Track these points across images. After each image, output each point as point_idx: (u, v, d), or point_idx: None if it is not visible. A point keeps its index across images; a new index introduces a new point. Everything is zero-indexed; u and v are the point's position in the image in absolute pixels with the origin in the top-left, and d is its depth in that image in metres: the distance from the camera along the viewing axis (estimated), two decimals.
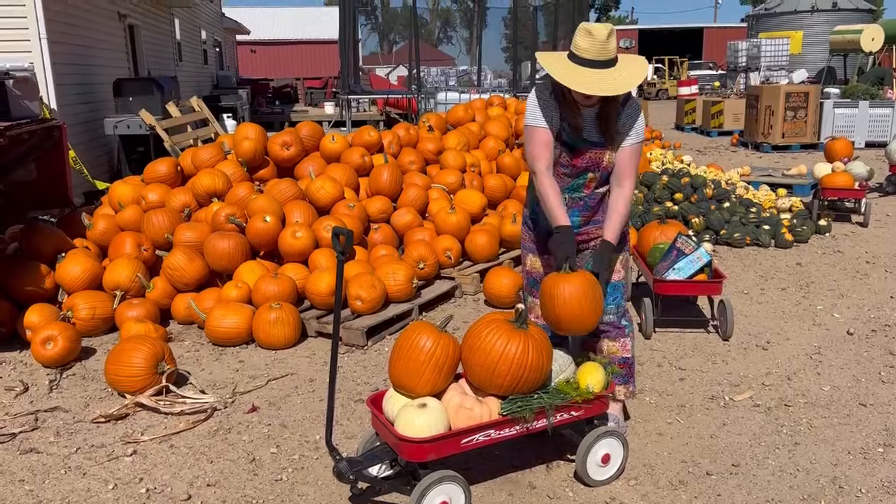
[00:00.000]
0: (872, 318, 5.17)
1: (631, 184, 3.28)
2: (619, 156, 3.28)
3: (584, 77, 3.04)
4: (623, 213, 3.28)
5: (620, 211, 3.27)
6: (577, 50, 3.08)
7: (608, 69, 3.07)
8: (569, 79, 3.05)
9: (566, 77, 3.06)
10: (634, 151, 3.27)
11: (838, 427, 3.68)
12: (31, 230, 5.40)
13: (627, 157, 3.26)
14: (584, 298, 2.99)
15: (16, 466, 3.40)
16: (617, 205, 3.28)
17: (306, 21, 43.76)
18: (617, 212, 3.27)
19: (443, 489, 2.80)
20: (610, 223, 3.28)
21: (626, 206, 3.29)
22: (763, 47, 20.63)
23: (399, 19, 25.18)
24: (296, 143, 6.38)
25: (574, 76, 3.05)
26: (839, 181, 7.92)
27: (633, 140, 3.25)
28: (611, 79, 3.05)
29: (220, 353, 4.73)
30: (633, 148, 3.26)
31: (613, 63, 3.09)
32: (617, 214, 3.27)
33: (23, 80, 6.00)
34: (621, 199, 3.28)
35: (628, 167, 3.27)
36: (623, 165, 3.27)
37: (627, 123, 3.23)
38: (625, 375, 3.53)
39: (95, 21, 10.57)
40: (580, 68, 3.07)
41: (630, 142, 3.25)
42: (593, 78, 3.04)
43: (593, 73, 3.05)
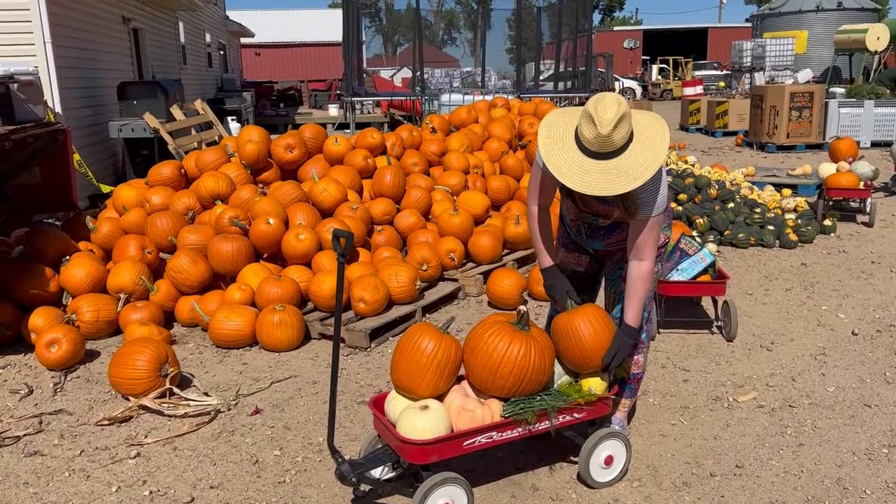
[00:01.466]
0: (877, 319, 5.15)
1: (650, 260, 2.98)
2: (634, 226, 2.95)
3: (582, 170, 2.74)
4: (642, 295, 3.00)
5: (639, 293, 2.99)
6: (582, 138, 2.75)
7: (614, 159, 2.73)
8: (566, 174, 2.77)
9: (562, 172, 2.78)
10: (654, 224, 2.92)
11: (843, 428, 3.66)
12: (36, 233, 5.42)
13: (647, 229, 2.92)
14: (596, 334, 3.00)
15: (20, 469, 3.41)
16: (636, 286, 2.99)
17: (310, 23, 43.83)
18: (635, 295, 3.00)
19: (445, 491, 2.79)
20: (630, 306, 3.01)
21: (645, 287, 3.00)
22: (768, 47, 20.59)
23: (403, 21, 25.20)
24: (299, 145, 6.39)
25: (571, 170, 2.76)
26: (844, 181, 7.89)
27: (652, 212, 2.89)
28: (614, 175, 2.71)
29: (224, 355, 4.73)
30: (654, 220, 2.91)
31: (619, 153, 2.73)
32: (636, 298, 3.00)
33: (27, 84, 6.03)
34: (639, 280, 2.98)
35: (646, 240, 2.94)
36: (640, 238, 2.94)
37: (645, 196, 2.86)
38: (633, 389, 3.48)
39: (100, 25, 10.61)
40: (581, 157, 2.76)
41: (647, 213, 2.89)
42: (595, 171, 2.72)
43: (595, 164, 2.73)
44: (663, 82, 36.55)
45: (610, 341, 3.03)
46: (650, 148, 2.76)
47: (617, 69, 32.10)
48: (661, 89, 35.96)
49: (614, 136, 2.68)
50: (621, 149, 2.73)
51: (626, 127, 2.70)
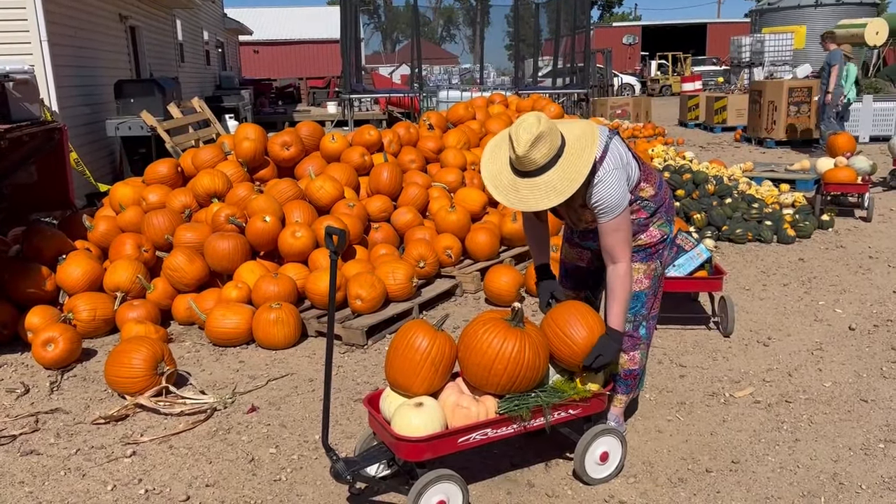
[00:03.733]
0: (875, 314, 5.15)
1: (625, 261, 3.00)
2: (601, 231, 3.00)
3: (514, 188, 2.88)
4: (622, 297, 3.02)
5: (619, 296, 3.02)
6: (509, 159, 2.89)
7: (541, 175, 2.83)
8: (501, 192, 2.91)
9: (498, 190, 2.92)
10: (611, 228, 2.96)
11: (839, 423, 3.66)
12: (33, 232, 5.41)
13: (605, 234, 2.98)
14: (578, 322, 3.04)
15: (16, 468, 3.41)
16: (614, 289, 3.03)
17: (309, 21, 43.76)
18: (615, 298, 3.03)
19: (440, 488, 2.79)
20: (611, 310, 3.04)
21: (624, 288, 3.02)
22: (767, 42, 20.53)
23: (402, 18, 25.19)
24: (296, 142, 6.38)
25: (505, 188, 2.90)
26: (842, 176, 7.89)
27: (606, 218, 2.95)
28: (543, 191, 2.83)
29: (221, 353, 4.73)
30: (609, 225, 2.96)
31: (546, 169, 2.83)
32: (616, 301, 3.03)
33: (23, 83, 6.01)
34: (617, 282, 3.01)
35: (614, 242, 2.98)
36: (607, 242, 2.99)
37: (596, 203, 2.95)
38: (628, 385, 3.46)
39: (96, 23, 10.60)
40: (512, 176, 2.89)
41: (606, 218, 2.95)
42: (524, 188, 2.86)
43: (524, 182, 2.86)
44: (662, 78, 36.53)
45: (590, 337, 3.02)
46: (578, 159, 2.84)
47: (616, 65, 32.05)
48: (659, 85, 35.94)
49: (532, 155, 2.79)
50: (547, 165, 2.83)
51: (545, 146, 2.79)
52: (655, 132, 14.71)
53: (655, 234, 3.26)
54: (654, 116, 19.42)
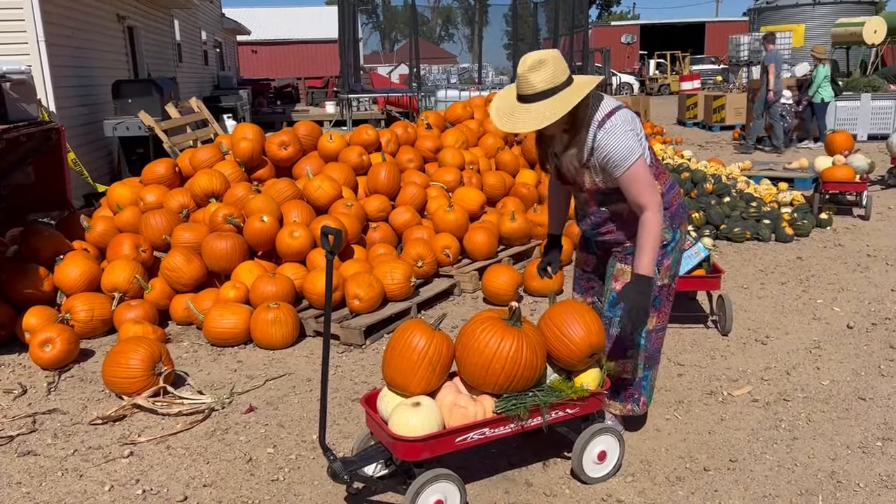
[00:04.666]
0: (873, 312, 5.15)
1: (650, 209, 2.97)
2: (623, 191, 3.04)
3: (510, 112, 2.98)
4: (647, 244, 2.98)
5: (643, 243, 2.99)
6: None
7: (535, 103, 2.92)
8: (497, 115, 3.05)
9: (496, 115, 3.06)
10: (627, 179, 2.98)
11: (837, 421, 3.66)
12: (30, 232, 5.41)
13: (625, 187, 3.01)
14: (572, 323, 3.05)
15: (13, 469, 3.40)
16: (640, 236, 3.01)
17: (307, 20, 43.74)
18: (640, 245, 3.01)
19: (437, 487, 2.79)
20: (637, 256, 3.02)
21: (650, 235, 2.97)
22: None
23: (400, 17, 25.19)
24: (293, 142, 6.38)
25: (503, 113, 3.02)
26: (840, 174, 7.89)
27: (619, 170, 2.98)
28: (531, 114, 2.92)
29: (219, 353, 4.73)
30: (625, 176, 2.98)
31: (543, 97, 2.90)
32: (640, 249, 3.01)
33: (20, 83, 6.01)
34: (643, 230, 2.99)
35: (633, 194, 2.99)
36: (631, 193, 3.00)
37: (604, 158, 3.00)
38: (622, 396, 3.44)
39: (94, 23, 10.59)
40: (514, 103, 3.00)
41: (618, 172, 2.99)
42: (518, 112, 2.95)
43: (520, 107, 2.96)
44: (661, 77, 36.54)
45: (588, 337, 3.03)
46: (571, 95, 2.92)
47: (614, 64, 32.07)
48: (658, 84, 35.94)
49: (531, 78, 2.90)
50: (544, 93, 2.91)
51: (546, 72, 2.89)
52: (654, 131, 14.71)
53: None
54: (653, 115, 19.42)
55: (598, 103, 3.04)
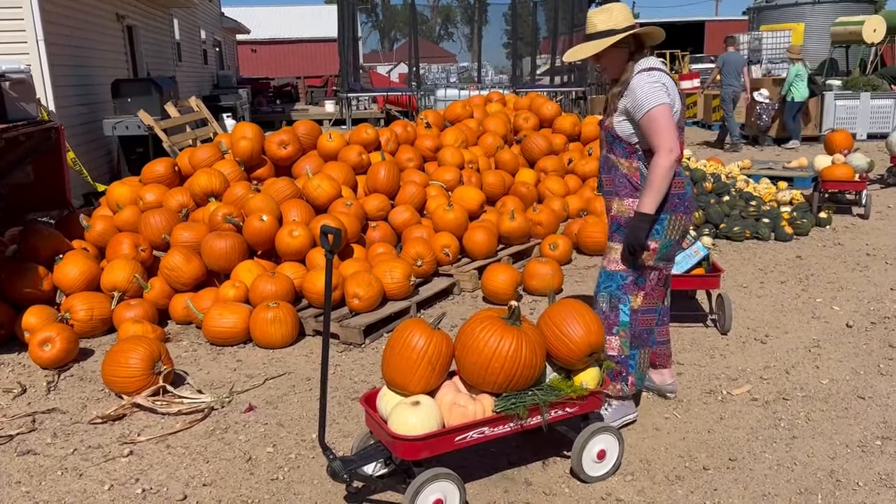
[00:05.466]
0: (872, 311, 5.15)
1: (660, 152, 3.24)
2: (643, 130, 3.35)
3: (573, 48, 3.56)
4: (652, 185, 3.25)
5: (649, 184, 3.28)
6: None
7: (588, 42, 3.42)
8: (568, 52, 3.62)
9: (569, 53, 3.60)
10: (647, 120, 3.27)
11: (836, 420, 3.66)
12: (30, 232, 5.40)
13: (644, 128, 3.31)
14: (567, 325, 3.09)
15: (12, 468, 3.40)
16: (649, 176, 3.29)
17: (307, 19, 43.72)
18: (646, 185, 3.30)
19: (437, 486, 2.79)
20: (643, 194, 3.30)
21: (655, 176, 3.24)
22: (764, 40, 20.53)
23: (399, 16, 25.20)
24: (293, 141, 6.38)
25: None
26: (839, 173, 7.89)
27: (641, 112, 3.28)
28: (576, 50, 3.48)
29: (218, 352, 4.73)
30: (646, 117, 3.27)
31: (597, 37, 3.38)
32: (649, 187, 3.28)
33: (19, 83, 6.00)
34: (650, 172, 3.29)
35: (650, 134, 3.29)
36: (648, 136, 3.31)
37: (631, 100, 3.32)
38: (613, 373, 3.51)
39: (93, 22, 10.58)
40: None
41: (639, 114, 3.29)
42: (577, 47, 3.50)
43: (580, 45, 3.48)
44: None
45: (587, 336, 3.07)
46: (610, 40, 3.35)
47: None
48: None
49: (593, 18, 3.40)
50: (596, 35, 3.38)
51: (604, 16, 3.37)
52: None
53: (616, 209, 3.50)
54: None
55: (647, 61, 3.41)
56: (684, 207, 3.42)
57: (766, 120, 14.04)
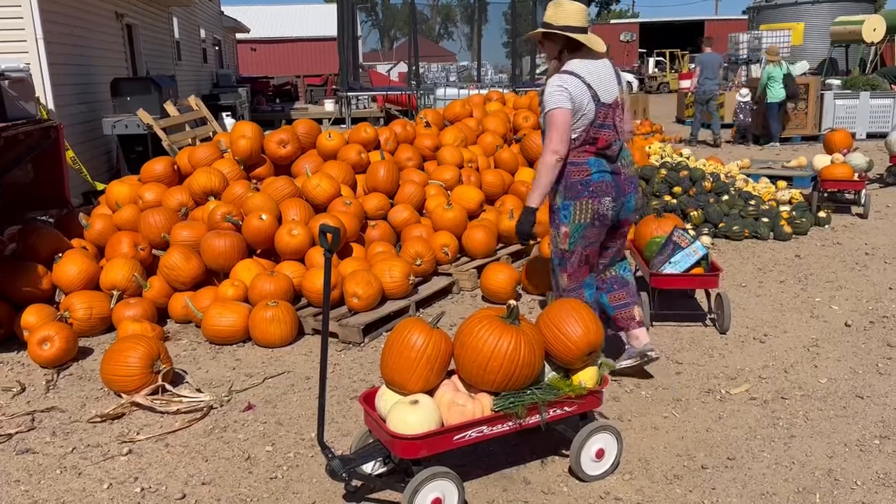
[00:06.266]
0: (871, 310, 5.16)
1: (546, 151, 3.68)
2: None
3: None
4: (536, 181, 3.73)
5: (539, 180, 3.73)
6: None
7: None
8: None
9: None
10: (545, 120, 3.69)
11: (834, 419, 3.67)
12: (29, 231, 5.40)
13: (544, 125, 3.75)
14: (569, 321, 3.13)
15: (11, 467, 3.40)
16: (537, 173, 3.75)
17: (306, 18, 43.71)
18: (536, 181, 3.76)
19: (436, 485, 2.79)
20: (531, 189, 3.80)
21: (538, 174, 3.71)
22: (764, 39, 20.52)
23: (399, 15, 25.20)
24: (292, 140, 6.38)
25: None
26: (838, 173, 7.89)
27: (543, 111, 3.72)
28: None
29: (217, 351, 4.73)
30: (545, 117, 3.70)
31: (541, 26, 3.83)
32: (535, 184, 3.77)
33: (18, 81, 6.00)
34: (539, 168, 3.74)
35: (544, 133, 3.74)
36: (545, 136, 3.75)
37: (541, 96, 3.75)
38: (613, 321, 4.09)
39: (92, 21, 10.58)
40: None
41: (542, 111, 3.73)
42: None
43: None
44: (660, 75, 36.51)
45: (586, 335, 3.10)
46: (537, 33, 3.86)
47: (614, 62, 32.00)
48: (657, 82, 35.91)
49: (548, 7, 3.79)
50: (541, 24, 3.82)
51: (551, 11, 3.74)
52: (653, 129, 14.69)
53: (551, 196, 3.87)
54: (652, 113, 19.40)
55: (571, 64, 3.72)
56: (589, 192, 3.77)
57: (743, 119, 14.41)
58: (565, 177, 3.77)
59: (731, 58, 21.84)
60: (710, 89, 14.13)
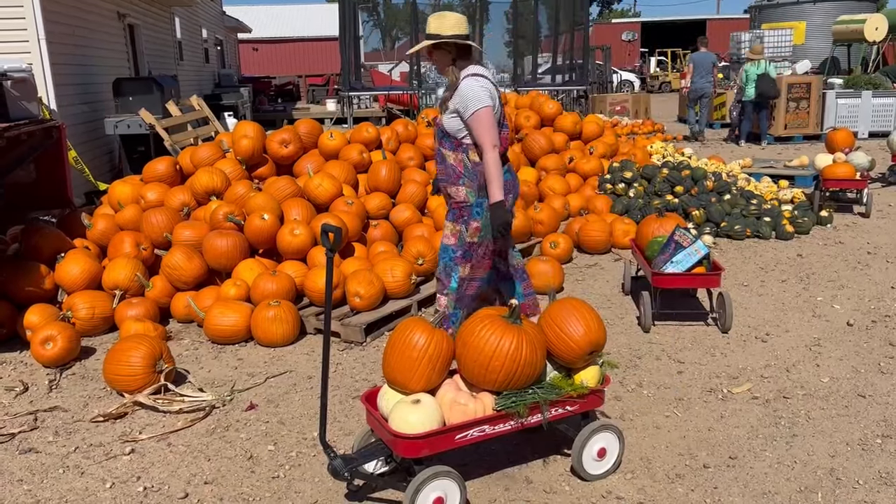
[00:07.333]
0: (873, 309, 5.15)
1: (486, 148, 3.77)
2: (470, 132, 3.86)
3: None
4: (490, 178, 3.78)
5: (490, 178, 3.79)
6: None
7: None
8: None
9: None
10: (474, 120, 3.79)
11: (836, 418, 3.67)
12: (32, 231, 5.42)
13: (470, 126, 3.82)
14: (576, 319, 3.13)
15: (14, 466, 3.41)
16: (487, 171, 3.80)
17: (308, 18, 43.72)
18: (490, 178, 3.79)
19: (437, 485, 2.80)
20: (489, 187, 3.81)
21: (490, 170, 3.77)
22: (766, 38, 20.50)
23: (401, 15, 25.19)
24: (294, 140, 6.38)
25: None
26: (840, 172, 7.88)
27: (466, 112, 3.80)
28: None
29: (220, 351, 4.74)
30: (473, 117, 3.79)
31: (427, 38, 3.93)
32: (489, 182, 3.80)
33: (21, 81, 6.01)
34: (485, 168, 3.81)
35: (476, 135, 3.81)
36: (475, 137, 3.83)
37: (459, 100, 3.81)
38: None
39: (95, 21, 10.58)
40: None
41: (467, 113, 3.80)
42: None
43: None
44: (662, 74, 36.49)
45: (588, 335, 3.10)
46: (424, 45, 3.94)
47: (615, 62, 32.03)
48: (659, 81, 35.90)
49: (429, 20, 3.94)
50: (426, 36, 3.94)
51: (436, 23, 3.88)
52: (654, 129, 14.70)
53: (461, 194, 3.94)
54: (653, 113, 19.39)
55: (474, 68, 3.90)
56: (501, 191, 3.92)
57: (735, 116, 14.61)
58: (477, 177, 3.91)
59: (733, 57, 21.83)
60: (701, 87, 14.45)
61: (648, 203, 7.45)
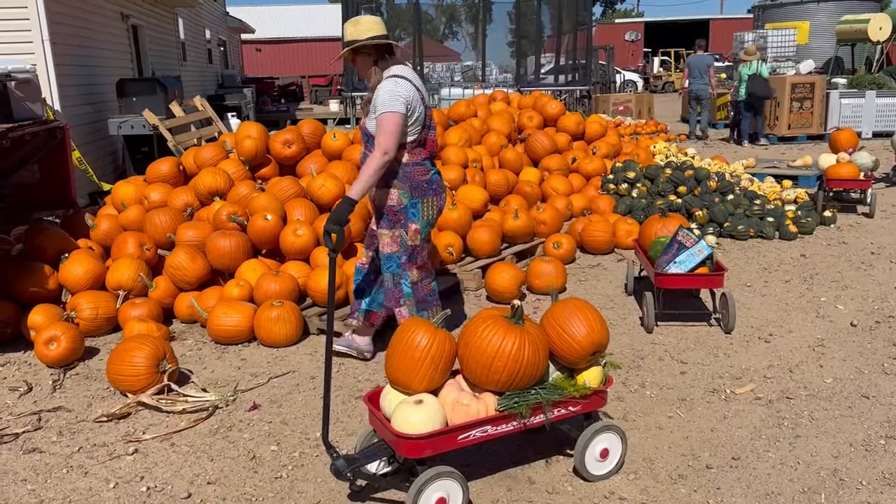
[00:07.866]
0: (876, 310, 5.14)
1: (376, 150, 3.75)
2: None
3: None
4: (362, 176, 3.75)
5: (361, 172, 3.80)
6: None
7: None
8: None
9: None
10: (378, 121, 3.78)
11: (840, 419, 3.66)
12: (35, 231, 5.43)
13: (376, 125, 3.81)
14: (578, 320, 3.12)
15: (18, 466, 3.42)
16: (364, 168, 3.80)
17: (312, 19, 43.76)
18: (362, 175, 3.77)
19: (440, 485, 2.80)
20: (356, 182, 3.79)
21: (366, 169, 3.75)
22: (769, 38, 20.50)
23: (404, 16, 25.21)
24: (297, 140, 6.39)
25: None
26: (844, 172, 7.87)
27: (377, 112, 3.80)
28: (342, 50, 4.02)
29: (223, 351, 4.75)
30: (378, 118, 3.78)
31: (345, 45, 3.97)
32: (359, 175, 3.80)
33: (25, 82, 6.03)
34: (366, 164, 3.80)
35: (376, 135, 3.80)
36: (376, 134, 3.81)
37: (376, 98, 3.84)
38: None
39: (98, 22, 10.61)
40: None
41: (376, 113, 3.80)
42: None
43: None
44: (665, 74, 36.45)
45: (590, 335, 3.09)
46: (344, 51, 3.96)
47: (618, 62, 32.01)
48: (662, 81, 35.87)
49: (345, 27, 3.96)
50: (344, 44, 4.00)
51: (351, 28, 3.93)
52: (658, 129, 14.69)
53: (394, 198, 3.94)
54: (657, 113, 19.37)
55: (397, 69, 3.90)
56: (433, 190, 4.02)
57: (735, 116, 14.69)
58: (409, 177, 3.92)
59: (735, 57, 21.79)
60: (697, 88, 14.67)
61: (651, 203, 7.45)
